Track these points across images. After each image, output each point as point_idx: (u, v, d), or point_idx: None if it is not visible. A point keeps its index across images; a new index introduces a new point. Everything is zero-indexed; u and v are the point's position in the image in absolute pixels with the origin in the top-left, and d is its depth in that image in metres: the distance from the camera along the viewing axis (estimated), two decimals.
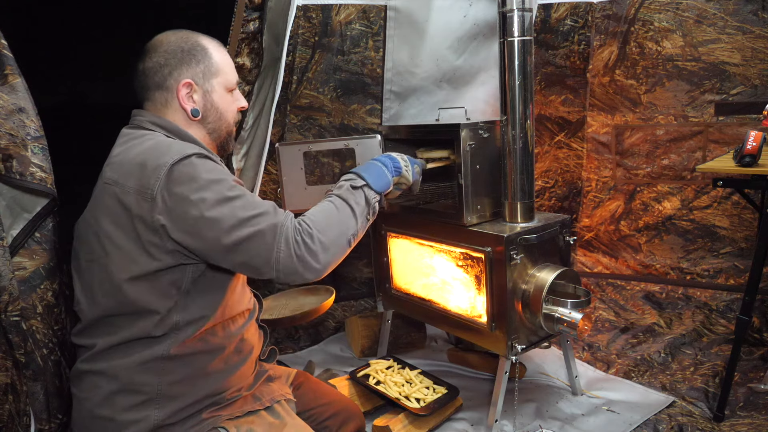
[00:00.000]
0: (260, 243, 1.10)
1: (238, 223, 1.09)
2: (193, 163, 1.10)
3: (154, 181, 1.07)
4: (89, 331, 1.18)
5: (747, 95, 2.33)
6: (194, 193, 1.07)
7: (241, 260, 1.11)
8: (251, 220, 1.10)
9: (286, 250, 1.11)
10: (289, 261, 1.11)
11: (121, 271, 1.11)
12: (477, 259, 1.98)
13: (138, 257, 1.10)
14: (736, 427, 1.94)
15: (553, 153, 2.81)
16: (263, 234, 1.10)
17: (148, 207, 1.07)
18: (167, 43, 1.24)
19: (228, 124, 1.33)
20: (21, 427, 1.19)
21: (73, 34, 3.41)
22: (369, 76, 2.65)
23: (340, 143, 2.08)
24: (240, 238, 1.09)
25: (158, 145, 1.15)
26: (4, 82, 1.21)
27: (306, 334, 2.81)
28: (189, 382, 1.17)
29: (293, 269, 1.12)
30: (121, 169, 1.13)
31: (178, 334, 1.15)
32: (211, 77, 1.27)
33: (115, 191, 1.11)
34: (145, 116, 1.24)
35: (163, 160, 1.08)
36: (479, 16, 2.45)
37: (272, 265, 1.11)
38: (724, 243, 2.47)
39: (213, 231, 1.08)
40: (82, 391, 1.17)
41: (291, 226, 1.14)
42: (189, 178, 1.08)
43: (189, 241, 1.09)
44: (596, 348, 2.53)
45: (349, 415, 1.51)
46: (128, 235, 1.10)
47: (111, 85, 3.74)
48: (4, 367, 1.15)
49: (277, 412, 1.31)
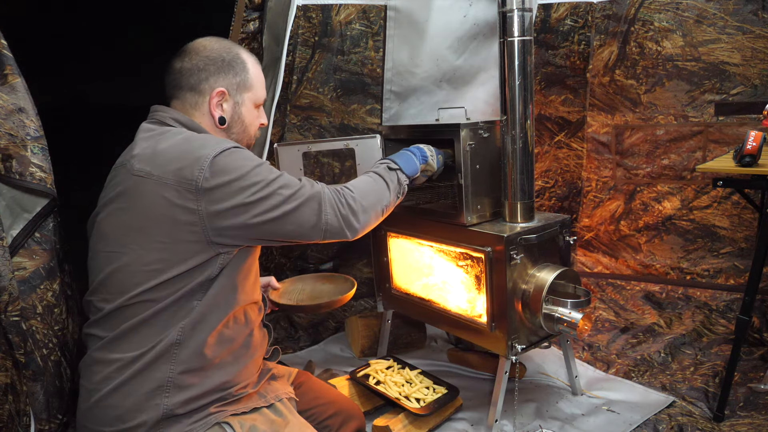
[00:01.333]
0: (308, 210, 1.24)
1: (286, 198, 1.20)
2: (234, 154, 1.17)
3: (198, 172, 1.12)
4: (104, 322, 1.18)
5: (747, 95, 2.33)
6: (241, 180, 1.15)
7: (291, 228, 1.23)
8: (296, 192, 1.23)
9: (332, 212, 1.28)
10: (335, 221, 1.28)
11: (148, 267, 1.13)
12: (477, 259, 1.98)
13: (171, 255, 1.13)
14: (736, 427, 1.94)
15: (553, 153, 2.81)
16: (309, 202, 1.24)
17: (192, 197, 1.11)
18: (210, 50, 1.29)
19: (249, 138, 1.39)
20: (21, 427, 1.19)
21: (73, 35, 3.41)
22: (369, 76, 2.65)
23: (339, 143, 2.08)
24: (291, 208, 1.21)
25: (193, 137, 1.20)
26: (4, 82, 1.21)
27: (306, 334, 2.81)
28: (199, 373, 1.19)
29: (338, 227, 1.29)
30: (155, 160, 1.15)
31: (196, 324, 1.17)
32: (244, 91, 1.33)
33: (149, 183, 1.13)
34: (168, 113, 1.27)
35: (204, 152, 1.14)
36: (479, 16, 2.45)
37: (321, 227, 1.26)
38: (724, 243, 2.47)
39: (263, 207, 1.17)
40: (91, 382, 1.16)
41: (329, 193, 1.30)
42: (233, 167, 1.15)
43: (237, 225, 1.15)
44: (596, 348, 2.53)
45: (349, 415, 1.52)
46: (163, 230, 1.13)
47: (111, 86, 3.74)
48: (4, 367, 1.15)
49: (279, 410, 1.32)
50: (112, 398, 1.14)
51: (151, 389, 1.14)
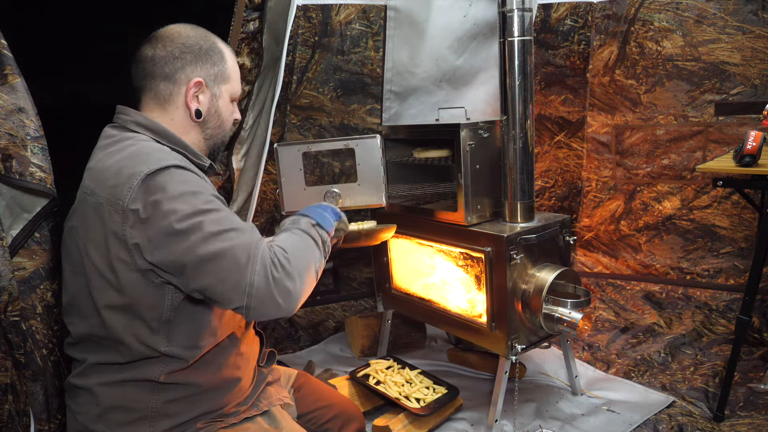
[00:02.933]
0: (232, 262, 0.99)
1: (209, 236, 0.98)
2: (170, 173, 1.02)
3: (126, 191, 1.00)
4: (79, 346, 1.15)
5: (747, 95, 2.33)
6: (166, 204, 0.99)
7: (207, 282, 0.99)
8: (223, 234, 1.00)
9: (262, 272, 1.00)
10: (264, 285, 0.99)
11: (100, 297, 1.06)
12: (477, 259, 1.98)
13: (116, 286, 1.04)
14: (736, 427, 1.94)
15: (553, 153, 2.81)
16: (235, 251, 0.99)
17: (119, 220, 1.00)
18: (186, 37, 1.19)
19: (224, 133, 1.29)
20: (21, 427, 1.19)
21: (73, 35, 3.41)
22: (369, 76, 2.64)
23: (339, 143, 2.08)
24: (209, 253, 0.98)
25: (138, 152, 1.07)
26: (3, 82, 1.21)
27: (306, 334, 2.81)
28: (185, 401, 1.14)
29: (269, 295, 1.00)
30: (98, 176, 1.06)
31: (168, 363, 1.11)
32: (222, 82, 1.23)
33: (91, 201, 1.05)
34: (130, 116, 1.17)
35: (138, 170, 1.01)
36: (479, 16, 2.45)
37: (244, 290, 0.98)
38: (724, 243, 2.47)
39: (181, 245, 0.98)
40: (77, 405, 1.15)
41: (266, 249, 1.04)
42: (162, 188, 1.00)
43: (159, 258, 1.00)
44: (596, 348, 2.53)
45: (349, 417, 1.51)
46: (101, 254, 1.04)
47: (111, 86, 3.74)
48: (4, 367, 1.15)
49: (273, 417, 1.29)
50: (96, 425, 1.12)
51: (136, 418, 1.11)
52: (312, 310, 2.85)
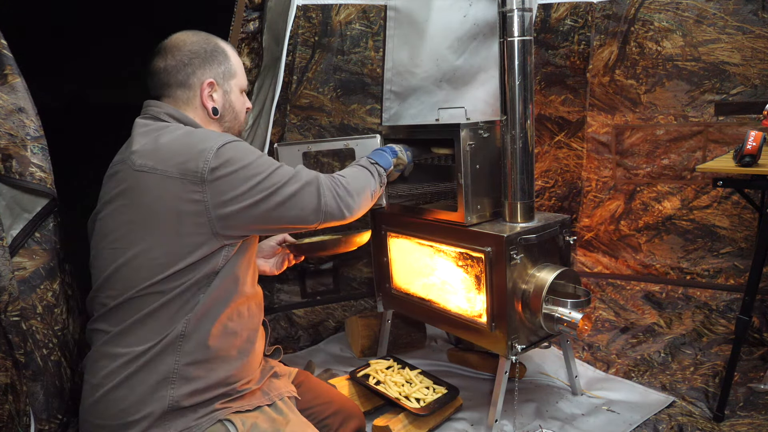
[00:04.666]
0: (308, 194, 1.29)
1: (288, 184, 1.25)
2: (236, 145, 1.20)
3: (202, 164, 1.13)
4: (110, 316, 1.18)
5: (747, 95, 2.33)
6: (245, 170, 1.18)
7: (294, 213, 1.27)
8: (295, 178, 1.27)
9: (330, 195, 1.34)
10: (333, 203, 1.35)
11: (152, 266, 1.14)
12: (477, 259, 1.98)
13: (177, 248, 1.14)
14: (736, 427, 1.94)
15: (553, 153, 2.81)
16: (308, 187, 1.29)
17: (197, 189, 1.13)
18: (190, 43, 1.30)
19: (240, 124, 1.42)
20: (21, 427, 1.19)
21: (73, 35, 3.41)
22: (369, 76, 2.64)
23: (339, 143, 2.08)
24: (290, 193, 1.25)
25: (193, 132, 1.22)
26: (3, 82, 1.21)
27: (306, 334, 2.81)
28: (204, 365, 1.20)
29: (337, 209, 1.36)
30: (157, 155, 1.16)
31: (201, 316, 1.18)
32: (230, 78, 1.35)
33: (153, 178, 1.14)
34: (162, 108, 1.27)
35: (208, 144, 1.16)
36: (479, 16, 2.45)
37: (321, 209, 1.32)
38: (724, 243, 2.47)
39: (266, 194, 1.21)
40: (97, 377, 1.17)
41: (325, 178, 1.36)
42: (237, 158, 1.18)
43: (243, 214, 1.18)
44: (596, 348, 2.53)
45: (349, 414, 1.52)
46: (169, 222, 1.14)
47: (111, 86, 3.74)
48: (4, 367, 1.15)
49: (280, 409, 1.32)
50: (118, 392, 1.14)
51: (156, 381, 1.15)
52: (312, 310, 2.85)
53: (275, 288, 2.78)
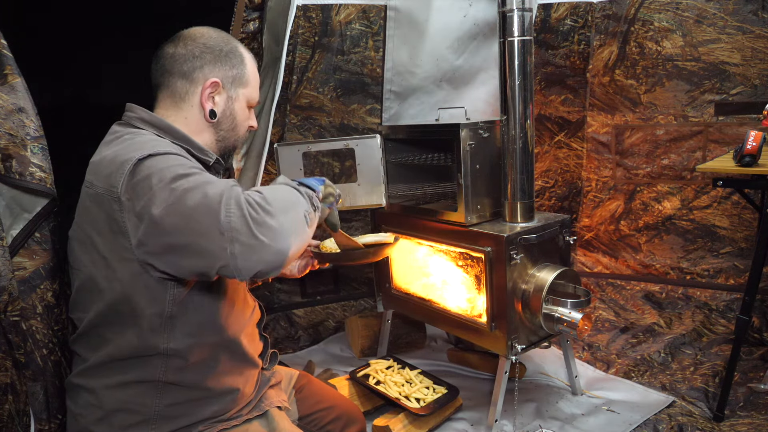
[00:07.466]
0: (204, 210, 0.93)
1: (182, 193, 0.95)
2: (163, 157, 1.02)
3: (119, 178, 1.00)
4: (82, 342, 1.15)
5: (747, 95, 2.33)
6: (153, 177, 0.98)
7: (186, 240, 0.94)
8: (195, 188, 0.95)
9: (238, 212, 0.91)
10: (243, 225, 0.91)
11: (104, 290, 1.07)
12: (477, 259, 1.98)
13: (117, 275, 1.04)
14: (736, 427, 1.94)
15: (553, 153, 2.81)
16: (207, 200, 0.93)
17: (117, 208, 1.00)
18: (208, 37, 1.21)
19: (237, 137, 1.28)
20: (21, 427, 1.19)
21: (74, 35, 3.41)
22: (369, 76, 2.64)
23: (339, 143, 2.08)
24: (182, 191, 0.95)
25: (135, 142, 1.07)
26: (3, 82, 1.21)
27: (306, 334, 2.81)
28: (188, 405, 1.14)
29: (251, 235, 0.91)
30: (96, 168, 1.08)
31: (168, 360, 1.10)
32: (240, 86, 1.24)
33: (90, 194, 1.07)
34: (135, 113, 1.18)
35: (131, 155, 1.00)
36: (479, 16, 2.45)
37: (223, 233, 0.90)
38: (724, 243, 2.47)
39: (160, 198, 0.95)
40: (78, 407, 1.14)
41: (240, 191, 0.97)
42: (153, 169, 0.99)
43: (146, 233, 0.98)
44: (596, 348, 2.53)
45: (350, 419, 1.51)
46: (105, 246, 1.05)
47: (111, 86, 3.74)
48: (4, 367, 1.15)
49: (271, 419, 1.29)
50: (97, 427, 1.11)
51: (137, 421, 1.10)
52: (312, 310, 2.85)
53: (275, 288, 2.78)
